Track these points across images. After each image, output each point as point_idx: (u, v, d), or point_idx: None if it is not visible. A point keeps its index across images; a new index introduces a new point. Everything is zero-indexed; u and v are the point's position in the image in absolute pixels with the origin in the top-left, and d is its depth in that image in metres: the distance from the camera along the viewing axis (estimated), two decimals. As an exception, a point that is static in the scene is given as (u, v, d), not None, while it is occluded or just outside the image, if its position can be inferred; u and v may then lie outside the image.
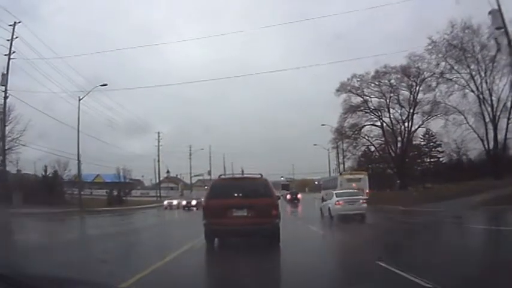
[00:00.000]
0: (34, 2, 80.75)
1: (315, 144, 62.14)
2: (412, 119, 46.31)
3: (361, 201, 21.02)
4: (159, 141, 65.15)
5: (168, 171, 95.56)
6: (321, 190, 41.48)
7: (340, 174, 37.93)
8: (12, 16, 29.42)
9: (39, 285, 2.74)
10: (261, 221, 9.93)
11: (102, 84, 34.46)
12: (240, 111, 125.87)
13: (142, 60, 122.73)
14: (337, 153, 55.91)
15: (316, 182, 74.35)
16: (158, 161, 65.39)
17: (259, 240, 10.62)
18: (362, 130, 48.86)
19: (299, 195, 53.65)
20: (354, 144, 49.61)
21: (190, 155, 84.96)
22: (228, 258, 9.30)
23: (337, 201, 20.63)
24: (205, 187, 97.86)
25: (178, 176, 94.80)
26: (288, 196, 52.95)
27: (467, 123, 40.37)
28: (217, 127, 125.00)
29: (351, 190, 25.36)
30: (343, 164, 51.70)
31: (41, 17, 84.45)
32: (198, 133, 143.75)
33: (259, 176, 11.41)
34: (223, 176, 12.69)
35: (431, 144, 53.85)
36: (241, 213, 10.08)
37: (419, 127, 47.42)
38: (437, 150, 53.78)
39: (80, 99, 34.72)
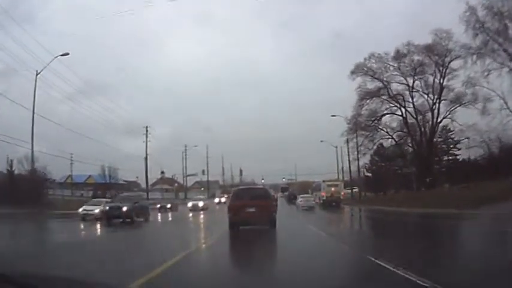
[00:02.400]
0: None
1: (321, 141, 58.24)
2: (438, 107, 39.68)
3: (311, 201, 38.86)
4: (147, 137, 58.51)
5: (162, 172, 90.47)
6: (312, 192, 52.46)
7: (323, 181, 46.13)
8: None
9: (40, 285, 2.60)
10: (263, 214, 15.36)
11: (62, 53, 28.87)
12: (240, 113, 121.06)
13: (140, 61, 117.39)
14: (348, 150, 49.44)
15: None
16: (146, 158, 58.62)
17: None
18: (380, 120, 41.84)
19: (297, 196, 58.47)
20: (370, 137, 42.62)
21: (185, 153, 79.14)
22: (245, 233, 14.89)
23: (300, 200, 39.75)
24: (202, 189, 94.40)
25: (174, 177, 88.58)
26: (285, 196, 66.68)
27: (507, 108, 33.53)
28: (217, 128, 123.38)
29: (307, 195, 43.98)
30: (358, 160, 44.86)
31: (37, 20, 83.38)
32: (197, 135, 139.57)
33: (262, 186, 25.93)
34: (241, 187, 20.07)
35: (450, 140, 47.30)
36: (251, 210, 15.46)
37: (444, 117, 40.54)
38: (456, 148, 47.11)
39: (37, 74, 28.85)
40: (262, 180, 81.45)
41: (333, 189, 43.33)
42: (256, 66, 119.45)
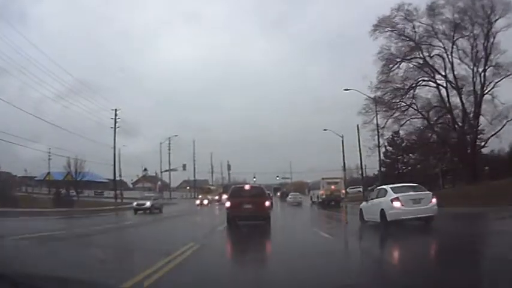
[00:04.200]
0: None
1: (325, 129, 51.06)
2: (484, 76, 30.38)
3: (298, 198, 48.19)
4: (115, 121, 48.78)
5: (145, 169, 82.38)
6: (309, 190, 52.61)
7: (323, 178, 42.59)
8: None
9: (40, 285, 2.66)
10: (259, 211, 16.56)
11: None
12: (233, 113, 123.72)
13: (132, 61, 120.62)
14: (358, 136, 40.39)
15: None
16: (114, 147, 48.96)
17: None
18: (414, 90, 32.14)
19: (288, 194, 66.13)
20: (394, 117, 33.10)
21: (168, 146, 70.44)
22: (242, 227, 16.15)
23: (290, 197, 50.69)
24: (187, 188, 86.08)
25: (157, 175, 79.47)
26: (279, 195, 72.96)
27: None
28: (208, 129, 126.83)
29: (296, 193, 52.93)
30: (379, 147, 35.24)
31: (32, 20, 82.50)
32: (189, 135, 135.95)
33: (258, 184, 25.32)
34: (238, 185, 21.25)
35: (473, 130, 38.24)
36: (248, 206, 16.57)
37: (488, 92, 30.99)
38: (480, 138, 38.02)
39: None
40: (254, 179, 76.46)
41: (332, 187, 40.78)
42: (251, 65, 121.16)
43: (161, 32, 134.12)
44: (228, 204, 17.29)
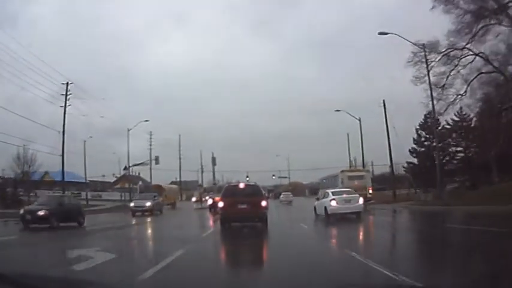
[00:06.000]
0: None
1: (337, 110, 44.79)
2: None
3: (290, 197, 58.07)
4: (66, 97, 38.20)
5: (125, 168, 72.79)
6: (319, 189, 44.96)
7: (342, 171, 34.79)
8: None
9: (40, 285, 2.64)
10: (255, 211, 15.92)
11: None
12: (227, 113, 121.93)
13: (127, 63, 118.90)
14: (386, 120, 31.14)
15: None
16: (63, 132, 38.11)
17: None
18: (476, 36, 21.83)
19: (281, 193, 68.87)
20: (453, 75, 23.01)
21: (150, 144, 65.58)
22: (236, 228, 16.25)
23: (282, 196, 60.24)
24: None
25: (136, 173, 70.59)
26: (272, 195, 75.57)
27: None
28: (206, 128, 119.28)
29: (287, 193, 61.33)
30: (434, 116, 24.78)
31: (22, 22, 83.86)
32: (177, 133, 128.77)
33: (254, 183, 20.16)
34: (232, 183, 23.02)
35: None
36: (243, 206, 16.03)
37: None
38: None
39: None
40: (247, 178, 69.65)
41: (355, 182, 31.37)
42: (248, 65, 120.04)
43: (155, 32, 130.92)
44: (221, 204, 16.88)
